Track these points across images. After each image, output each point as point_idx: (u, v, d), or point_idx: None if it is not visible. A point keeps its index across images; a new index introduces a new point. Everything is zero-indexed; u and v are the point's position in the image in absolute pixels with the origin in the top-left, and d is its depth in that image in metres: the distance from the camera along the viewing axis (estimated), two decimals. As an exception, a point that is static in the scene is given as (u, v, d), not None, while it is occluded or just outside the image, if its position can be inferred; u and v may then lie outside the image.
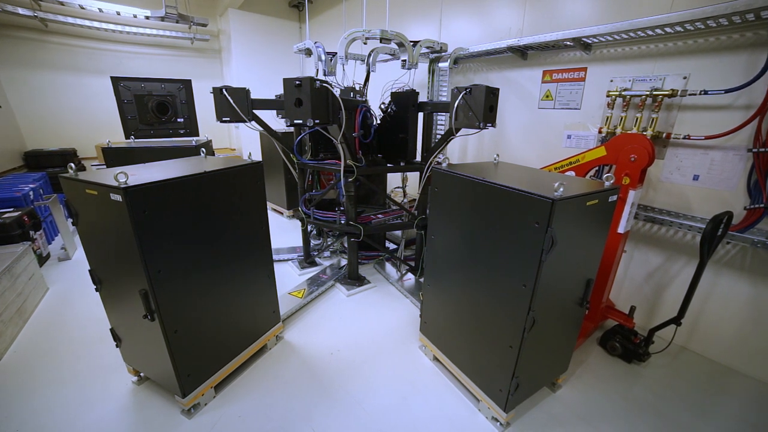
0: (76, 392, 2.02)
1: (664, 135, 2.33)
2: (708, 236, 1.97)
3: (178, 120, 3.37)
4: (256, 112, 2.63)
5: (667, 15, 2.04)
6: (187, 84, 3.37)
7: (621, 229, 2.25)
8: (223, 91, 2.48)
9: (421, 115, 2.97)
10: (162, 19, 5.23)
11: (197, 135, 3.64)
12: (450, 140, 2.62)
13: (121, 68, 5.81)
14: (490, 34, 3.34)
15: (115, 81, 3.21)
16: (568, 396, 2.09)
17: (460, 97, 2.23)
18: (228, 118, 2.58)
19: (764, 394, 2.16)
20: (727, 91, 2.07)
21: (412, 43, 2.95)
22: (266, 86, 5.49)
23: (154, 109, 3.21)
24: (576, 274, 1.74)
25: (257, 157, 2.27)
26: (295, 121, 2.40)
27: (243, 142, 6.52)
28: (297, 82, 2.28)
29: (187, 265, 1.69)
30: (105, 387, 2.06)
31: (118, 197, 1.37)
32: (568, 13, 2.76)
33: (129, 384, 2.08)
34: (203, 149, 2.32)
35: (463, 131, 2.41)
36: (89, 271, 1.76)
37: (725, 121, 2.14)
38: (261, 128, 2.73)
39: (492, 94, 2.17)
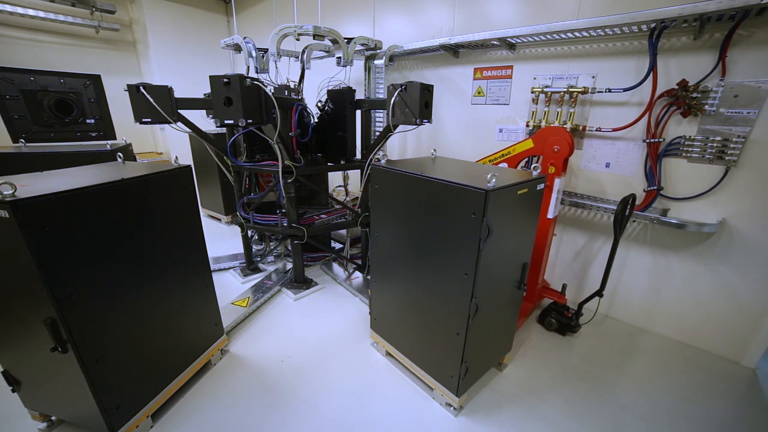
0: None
1: (580, 128, 2.60)
2: (619, 216, 2.23)
3: (88, 121, 2.91)
4: (182, 112, 2.42)
5: (576, 21, 2.29)
6: (95, 79, 2.93)
7: (550, 215, 2.46)
8: (141, 88, 2.23)
9: (359, 112, 2.96)
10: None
11: (113, 138, 3.24)
12: (389, 137, 2.65)
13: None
14: (423, 33, 3.43)
15: (-15, 71, 2.66)
16: (514, 373, 2.24)
17: (396, 94, 2.25)
18: (149, 119, 2.33)
19: (664, 346, 2.53)
20: (625, 90, 2.37)
21: (346, 40, 2.92)
22: (194, 84, 5.09)
23: (53, 108, 2.71)
24: (512, 259, 1.86)
25: (187, 160, 2.09)
26: (226, 122, 2.26)
27: (171, 146, 5.96)
28: (225, 80, 2.15)
29: (108, 285, 1.50)
30: (5, 441, 1.74)
31: (2, 213, 1.16)
32: (495, 14, 2.93)
33: (37, 432, 1.78)
34: (120, 154, 2.08)
35: (401, 128, 2.44)
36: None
37: (626, 116, 2.44)
38: (189, 130, 2.52)
39: (427, 90, 2.22)
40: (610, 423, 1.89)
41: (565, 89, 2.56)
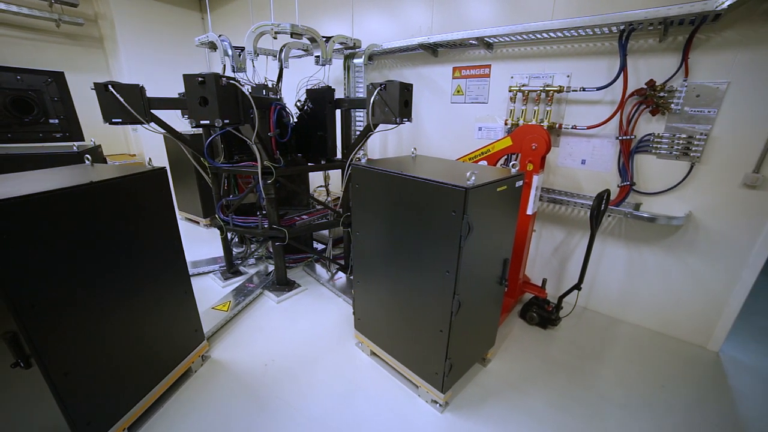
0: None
1: (557, 125, 2.66)
2: (594, 211, 2.30)
3: (51, 121, 2.74)
4: (156, 112, 2.34)
5: (550, 22, 2.35)
6: (58, 77, 2.76)
7: (529, 211, 2.51)
8: (109, 87, 2.14)
9: (338, 111, 2.94)
10: (1, -12, 3.93)
11: (81, 139, 3.07)
12: (369, 136, 2.64)
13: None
14: (402, 32, 3.43)
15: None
16: (498, 368, 2.27)
17: (375, 93, 2.25)
18: (119, 120, 2.25)
19: (639, 335, 2.63)
20: (598, 89, 2.45)
21: (324, 39, 2.89)
22: (168, 83, 4.91)
23: (9, 107, 2.52)
24: (493, 256, 1.89)
25: (162, 162, 2.01)
26: (202, 122, 2.20)
27: (145, 147, 5.74)
28: (200, 79, 2.09)
29: (78, 293, 1.43)
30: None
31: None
32: (473, 13, 2.96)
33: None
34: (88, 156, 1.98)
35: (381, 126, 2.44)
36: None
37: (599, 114, 2.52)
38: (163, 130, 2.43)
39: (406, 89, 2.23)
40: (591, 412, 1.95)
41: (542, 88, 2.62)
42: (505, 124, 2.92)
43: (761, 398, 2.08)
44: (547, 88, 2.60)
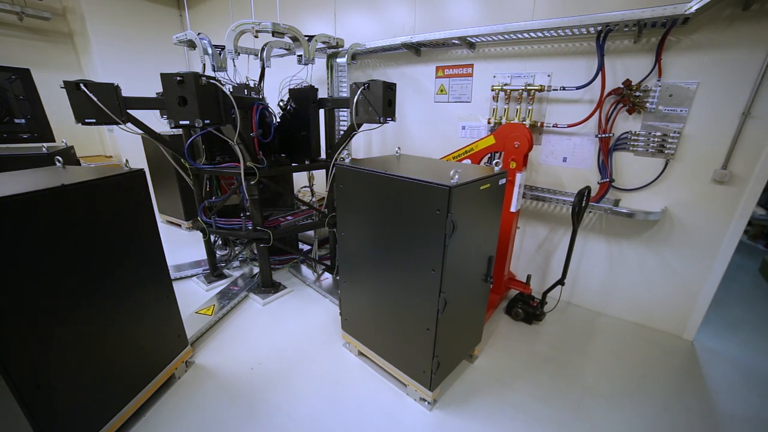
0: None
1: (539, 124, 2.71)
2: (576, 208, 2.35)
3: (17, 121, 2.59)
4: (133, 112, 2.26)
5: (530, 22, 2.39)
6: (23, 74, 2.61)
7: (513, 208, 2.54)
8: (81, 86, 2.06)
9: (322, 111, 2.91)
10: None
11: (51, 140, 2.94)
12: (353, 135, 2.63)
13: None
14: (385, 31, 3.42)
15: None
16: (485, 364, 2.30)
17: (358, 93, 2.24)
18: (93, 120, 2.16)
19: (620, 327, 2.71)
20: (577, 88, 2.50)
21: (307, 38, 2.86)
22: (146, 82, 4.77)
23: None
24: (478, 253, 1.90)
25: (141, 164, 1.94)
26: (181, 123, 2.14)
27: (122, 148, 5.56)
28: (179, 78, 2.03)
29: (51, 302, 1.38)
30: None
31: None
32: (455, 13, 2.98)
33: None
34: (59, 158, 1.90)
35: (365, 126, 2.43)
36: None
37: (580, 112, 2.57)
38: (141, 131, 2.36)
39: (389, 89, 2.22)
40: (575, 404, 2.00)
41: (523, 87, 2.67)
42: (488, 122, 2.96)
43: (732, 384, 2.17)
44: (528, 87, 2.64)
